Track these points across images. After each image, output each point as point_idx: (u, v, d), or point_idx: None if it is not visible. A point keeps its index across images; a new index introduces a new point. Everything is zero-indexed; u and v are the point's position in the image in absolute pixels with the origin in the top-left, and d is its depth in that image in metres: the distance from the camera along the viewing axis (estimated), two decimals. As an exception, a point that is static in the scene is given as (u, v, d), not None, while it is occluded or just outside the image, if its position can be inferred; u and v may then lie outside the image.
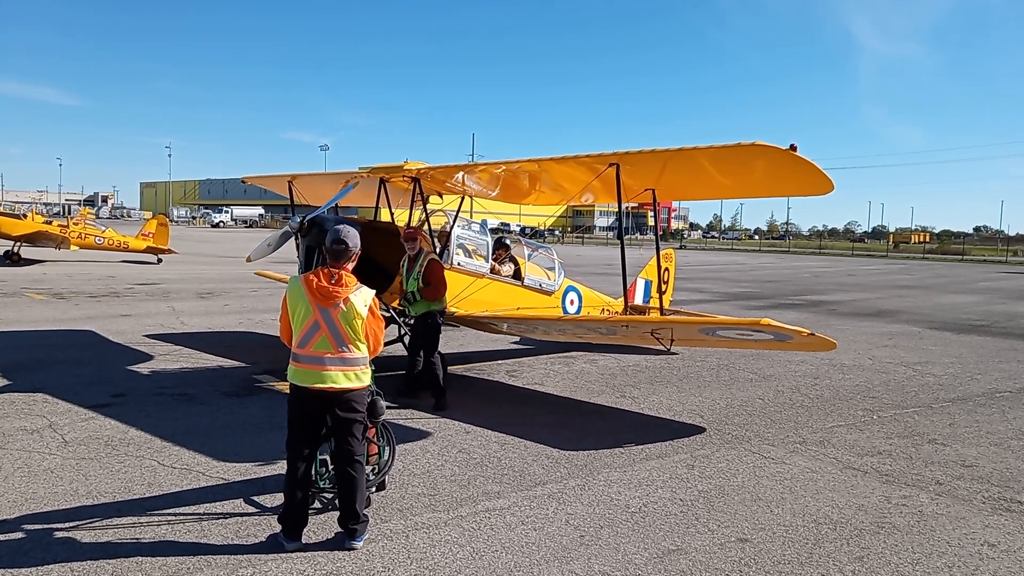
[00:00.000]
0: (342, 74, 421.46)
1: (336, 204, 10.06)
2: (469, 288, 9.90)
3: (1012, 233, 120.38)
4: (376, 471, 5.46)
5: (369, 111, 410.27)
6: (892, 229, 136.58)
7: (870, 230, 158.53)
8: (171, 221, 45.32)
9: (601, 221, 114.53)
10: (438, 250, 9.88)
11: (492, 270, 10.51)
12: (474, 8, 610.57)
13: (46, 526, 4.84)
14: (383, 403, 5.23)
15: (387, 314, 9.12)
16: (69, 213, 37.35)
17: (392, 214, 10.46)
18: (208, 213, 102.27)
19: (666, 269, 13.50)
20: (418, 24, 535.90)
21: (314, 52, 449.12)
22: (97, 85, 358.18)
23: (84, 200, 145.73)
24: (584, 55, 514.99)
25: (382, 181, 10.16)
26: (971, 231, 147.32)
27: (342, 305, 4.66)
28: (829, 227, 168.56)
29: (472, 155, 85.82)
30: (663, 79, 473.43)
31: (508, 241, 11.50)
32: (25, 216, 26.52)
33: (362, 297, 4.74)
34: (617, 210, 8.46)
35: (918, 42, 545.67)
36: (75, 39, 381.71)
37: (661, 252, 11.64)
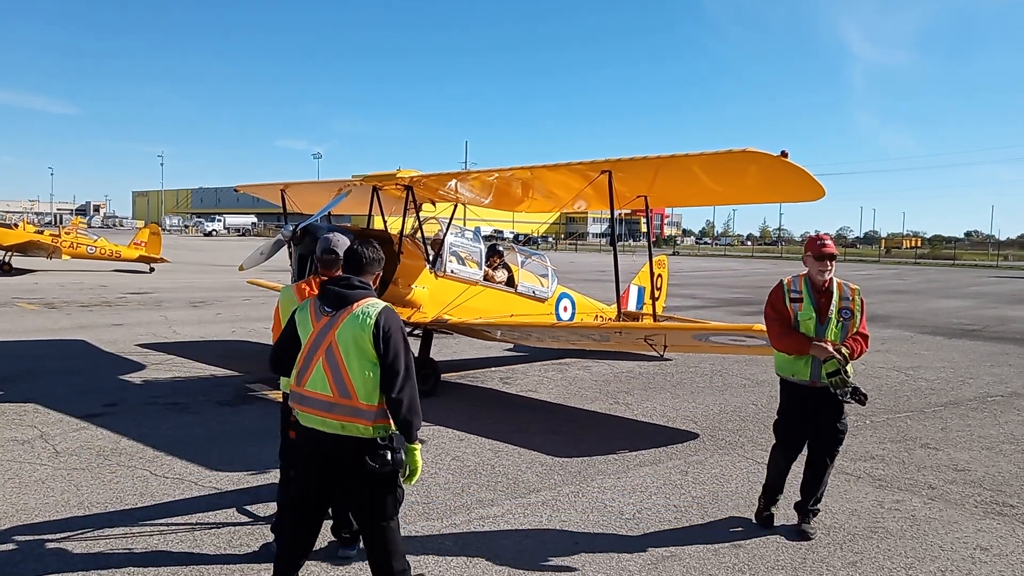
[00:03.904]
0: (335, 82, 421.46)
1: (329, 212, 10.06)
2: (463, 295, 9.91)
3: (1003, 238, 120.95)
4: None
5: (362, 119, 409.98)
6: (884, 234, 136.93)
7: (862, 235, 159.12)
8: (163, 230, 45.22)
9: (594, 228, 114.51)
10: (431, 258, 9.87)
11: (486, 277, 10.53)
12: (470, 19, 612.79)
13: (38, 537, 4.81)
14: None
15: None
16: (61, 222, 37.31)
17: (385, 222, 10.46)
18: (201, 222, 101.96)
19: (659, 275, 13.54)
20: (412, 33, 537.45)
21: (307, 59, 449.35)
22: (89, 94, 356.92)
23: (76, 209, 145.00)
24: (576, 68, 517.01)
25: (375, 189, 10.18)
26: (962, 236, 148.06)
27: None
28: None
29: (465, 163, 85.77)
30: (658, 87, 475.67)
31: (501, 248, 11.54)
32: (16, 225, 26.42)
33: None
34: (610, 217, 8.49)
35: (907, 49, 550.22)
36: (67, 48, 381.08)
37: (654, 258, 11.67)
